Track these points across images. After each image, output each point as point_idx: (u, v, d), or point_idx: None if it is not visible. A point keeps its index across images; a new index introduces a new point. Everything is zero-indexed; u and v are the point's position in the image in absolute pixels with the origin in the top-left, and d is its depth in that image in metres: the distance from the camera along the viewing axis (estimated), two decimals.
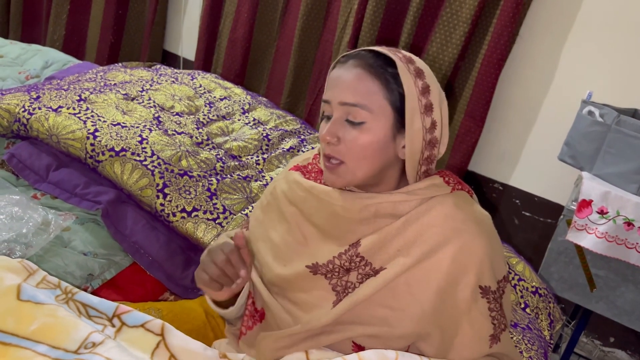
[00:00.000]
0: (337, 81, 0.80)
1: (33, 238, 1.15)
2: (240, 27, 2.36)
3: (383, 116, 0.78)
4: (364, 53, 0.80)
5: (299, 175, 0.91)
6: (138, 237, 1.23)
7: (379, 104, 0.78)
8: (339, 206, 0.83)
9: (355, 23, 2.02)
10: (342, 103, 0.79)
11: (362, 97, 0.78)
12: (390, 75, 0.79)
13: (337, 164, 0.80)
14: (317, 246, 0.85)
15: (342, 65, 0.81)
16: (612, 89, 1.75)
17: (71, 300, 0.84)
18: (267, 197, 0.96)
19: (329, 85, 0.82)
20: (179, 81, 1.72)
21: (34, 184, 1.32)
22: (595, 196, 1.47)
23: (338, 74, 0.80)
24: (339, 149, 0.79)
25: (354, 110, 0.78)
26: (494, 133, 2.00)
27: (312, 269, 0.83)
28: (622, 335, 1.96)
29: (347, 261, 0.81)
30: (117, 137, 1.32)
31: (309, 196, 0.87)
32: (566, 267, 1.57)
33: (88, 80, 1.60)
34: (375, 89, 0.78)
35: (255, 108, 1.73)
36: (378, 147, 0.79)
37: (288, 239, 0.88)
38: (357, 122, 0.78)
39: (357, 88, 0.78)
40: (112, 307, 0.85)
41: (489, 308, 0.79)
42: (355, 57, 0.80)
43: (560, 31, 1.82)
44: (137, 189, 1.26)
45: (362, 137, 0.78)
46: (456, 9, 1.88)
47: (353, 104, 0.78)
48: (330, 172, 0.81)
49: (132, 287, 1.19)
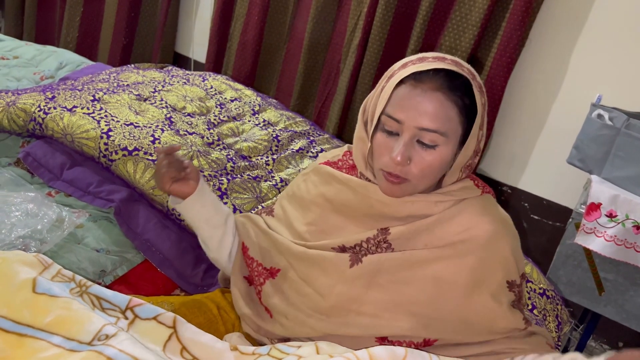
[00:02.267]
0: (416, 104, 0.78)
1: (47, 234, 1.17)
2: (250, 29, 2.39)
3: (454, 138, 0.80)
4: (441, 74, 0.79)
5: (330, 169, 0.94)
6: (150, 235, 1.24)
7: (454, 128, 0.80)
8: (376, 200, 0.86)
9: (365, 26, 2.04)
10: (420, 128, 0.78)
11: (442, 124, 0.78)
12: (464, 97, 0.80)
13: (400, 179, 0.81)
14: (343, 234, 0.88)
15: (418, 85, 0.79)
16: (622, 92, 1.74)
17: (85, 293, 0.86)
18: (293, 188, 0.99)
19: (403, 106, 0.79)
20: (191, 82, 1.74)
21: (49, 182, 1.35)
22: (604, 199, 1.47)
23: (416, 97, 0.78)
24: (408, 170, 0.80)
25: (430, 135, 0.78)
26: (503, 136, 2.00)
27: (338, 250, 0.87)
28: (631, 339, 1.95)
29: (373, 245, 0.84)
30: (130, 137, 1.34)
31: (344, 188, 0.89)
32: (574, 271, 1.57)
33: (101, 81, 1.63)
34: (453, 115, 0.79)
35: (265, 109, 1.75)
36: (444, 166, 0.82)
37: (312, 228, 0.91)
38: (430, 145, 0.79)
39: (438, 115, 0.78)
40: (125, 300, 0.87)
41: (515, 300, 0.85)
42: (432, 79, 0.79)
43: (570, 35, 1.82)
44: (149, 187, 1.28)
45: (432, 159, 0.80)
46: (466, 12, 1.89)
47: (434, 130, 0.78)
48: (391, 186, 0.82)
49: (144, 283, 1.21)
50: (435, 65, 0.79)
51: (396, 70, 0.83)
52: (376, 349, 0.77)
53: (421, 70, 0.79)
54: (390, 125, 0.80)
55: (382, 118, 0.82)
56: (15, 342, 0.76)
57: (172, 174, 0.90)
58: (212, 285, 1.20)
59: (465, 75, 0.80)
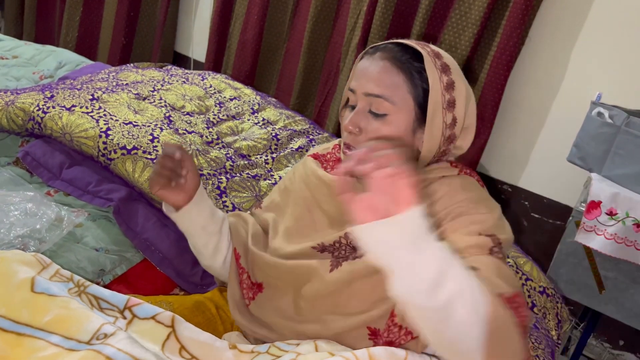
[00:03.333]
0: (363, 72, 0.81)
1: (47, 234, 1.17)
2: (250, 28, 2.39)
3: (405, 109, 0.80)
4: (392, 46, 0.81)
5: (316, 163, 0.94)
6: (149, 234, 1.24)
7: (402, 97, 0.79)
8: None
9: (365, 25, 2.04)
10: (366, 94, 0.80)
11: (386, 89, 0.79)
12: (416, 69, 0.80)
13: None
14: (324, 230, 0.87)
15: (369, 56, 0.82)
16: (622, 90, 1.74)
17: (83, 293, 0.86)
18: (285, 182, 0.99)
19: (355, 75, 0.83)
20: (190, 81, 1.74)
21: (48, 181, 1.35)
22: (604, 197, 1.47)
23: (365, 65, 0.81)
24: (360, 139, 0.81)
25: (377, 102, 0.79)
26: (503, 134, 2.00)
27: (318, 249, 0.86)
28: (631, 338, 1.95)
29: (354, 240, 0.83)
30: (129, 136, 1.34)
31: (320, 184, 0.89)
32: (575, 269, 1.57)
33: (100, 80, 1.63)
34: (400, 82, 0.79)
35: (264, 108, 1.75)
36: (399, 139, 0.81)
37: (299, 222, 0.91)
38: (379, 114, 0.79)
39: (382, 80, 0.79)
40: (123, 299, 0.86)
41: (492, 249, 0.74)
42: (383, 49, 0.81)
43: (570, 32, 1.82)
44: (149, 186, 1.27)
45: (383, 128, 0.79)
46: (465, 10, 1.89)
47: (377, 95, 0.79)
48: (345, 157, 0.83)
49: (143, 283, 1.21)
50: (392, 40, 0.82)
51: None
52: (376, 349, 0.76)
53: (378, 44, 0.82)
54: (350, 97, 0.83)
55: (345, 94, 0.84)
56: (13, 341, 0.76)
57: (162, 180, 0.87)
58: (212, 284, 1.20)
59: (420, 49, 0.80)
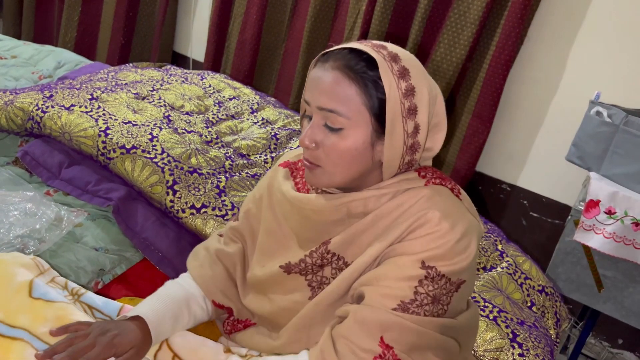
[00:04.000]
0: (315, 83, 0.76)
1: (46, 234, 1.17)
2: (249, 28, 2.39)
3: (362, 122, 0.75)
4: (345, 52, 0.75)
5: (285, 173, 0.90)
6: (148, 233, 1.24)
7: (356, 109, 0.74)
8: (310, 210, 0.82)
9: (364, 25, 2.04)
10: (319, 108, 0.76)
11: (339, 103, 0.74)
12: (370, 78, 0.74)
13: (313, 165, 0.78)
14: (291, 247, 0.85)
15: (321, 65, 0.76)
16: (620, 89, 1.74)
17: (77, 302, 0.86)
18: (259, 190, 0.94)
19: (308, 85, 0.78)
20: (189, 81, 1.74)
21: (47, 180, 1.35)
22: (603, 196, 1.47)
23: (317, 75, 0.76)
24: (317, 154, 0.77)
25: (331, 116, 0.75)
26: (502, 134, 2.00)
27: (285, 268, 0.84)
28: (630, 336, 1.95)
29: (318, 258, 0.81)
30: (128, 135, 1.34)
31: (283, 199, 0.86)
32: (574, 268, 1.57)
33: (100, 79, 1.63)
34: (352, 94, 0.74)
35: (263, 108, 1.75)
36: (357, 154, 0.76)
37: (270, 237, 0.88)
38: (335, 128, 0.75)
39: (334, 93, 0.74)
40: (116, 308, 0.87)
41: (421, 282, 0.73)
42: (335, 57, 0.75)
43: (568, 32, 1.82)
44: (148, 185, 1.27)
45: (340, 143, 0.75)
46: (464, 10, 1.89)
47: (330, 109, 0.75)
48: (309, 172, 0.80)
49: (142, 282, 1.21)
50: (343, 45, 0.76)
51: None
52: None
53: (328, 50, 0.77)
54: (305, 108, 0.79)
55: (302, 104, 0.80)
56: (9, 346, 0.76)
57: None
58: None
59: (375, 54, 0.74)
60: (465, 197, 0.82)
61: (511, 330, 1.11)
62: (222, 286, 0.92)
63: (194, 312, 0.90)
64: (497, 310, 1.15)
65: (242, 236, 0.96)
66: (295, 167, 0.91)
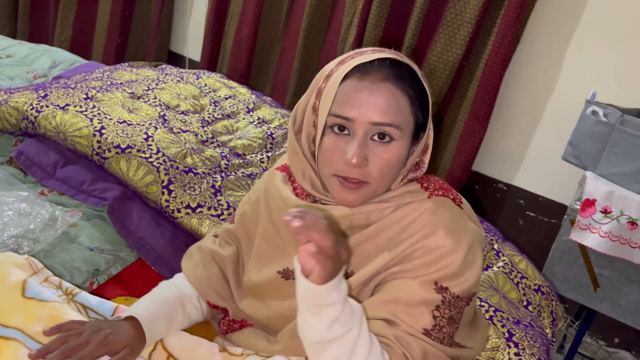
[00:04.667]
0: (366, 98, 0.72)
1: (40, 234, 1.16)
2: (245, 27, 2.38)
3: (408, 131, 0.75)
4: (386, 64, 0.74)
5: (283, 177, 0.88)
6: (143, 233, 1.24)
7: (407, 120, 0.75)
8: None
9: (360, 24, 2.04)
10: (374, 123, 0.72)
11: (396, 116, 0.73)
12: (413, 86, 0.75)
13: (358, 183, 0.75)
14: (289, 253, 0.84)
15: (363, 78, 0.73)
16: (616, 88, 1.75)
17: (72, 301, 0.85)
18: (255, 193, 0.93)
19: (352, 102, 0.73)
20: (185, 80, 1.73)
21: (42, 180, 1.34)
22: (599, 196, 1.47)
23: (365, 90, 0.73)
24: (366, 171, 0.74)
25: (387, 130, 0.73)
26: (498, 133, 2.01)
27: (283, 274, 0.83)
28: (626, 335, 1.95)
29: None
30: (123, 135, 1.34)
31: (284, 206, 0.84)
32: (570, 267, 1.57)
33: (95, 79, 1.62)
34: (405, 106, 0.74)
35: (259, 107, 1.75)
36: (400, 164, 0.76)
37: (267, 242, 0.87)
38: (385, 141, 0.74)
39: (390, 106, 0.73)
40: (110, 308, 0.86)
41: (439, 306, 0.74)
42: (377, 69, 0.74)
43: (565, 31, 1.83)
44: (143, 185, 1.27)
45: (389, 156, 0.74)
46: (460, 9, 1.89)
47: (388, 123, 0.73)
48: (349, 192, 0.75)
49: (138, 282, 1.20)
50: (378, 55, 0.74)
51: (334, 68, 0.77)
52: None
53: (365, 61, 0.74)
54: (340, 123, 0.74)
55: (328, 120, 0.74)
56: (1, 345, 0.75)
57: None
58: None
59: (409, 63, 0.76)
60: (466, 205, 0.83)
61: (507, 330, 1.11)
62: (216, 287, 0.92)
63: (188, 312, 0.89)
64: (493, 310, 1.14)
65: (238, 239, 0.95)
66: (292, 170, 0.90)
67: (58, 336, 0.75)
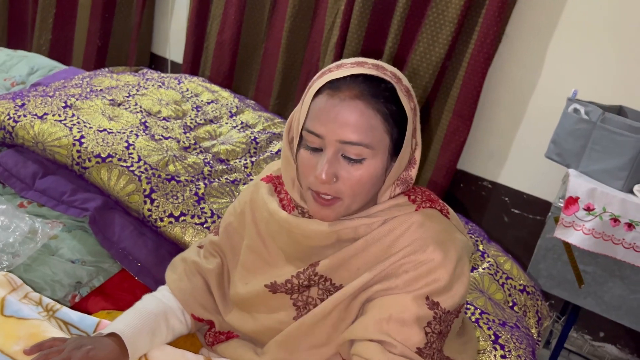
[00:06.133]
0: (333, 115, 0.71)
1: (20, 247, 1.14)
2: (227, 29, 2.36)
3: (382, 149, 0.74)
4: (359, 81, 0.72)
5: (269, 188, 0.87)
6: (126, 243, 1.22)
7: (380, 138, 0.73)
8: (299, 234, 0.80)
9: (343, 24, 2.03)
10: (341, 141, 0.71)
11: (365, 135, 0.71)
12: (389, 104, 0.73)
13: (331, 199, 0.74)
14: (277, 266, 0.83)
15: (334, 94, 0.72)
16: (597, 86, 1.76)
17: (52, 318, 0.84)
18: (241, 205, 0.92)
19: (321, 118, 0.72)
20: (166, 85, 1.71)
21: (21, 192, 1.31)
22: (581, 193, 1.48)
23: (332, 107, 0.71)
24: (337, 187, 0.73)
25: (355, 149, 0.72)
26: (482, 132, 2.01)
27: (270, 288, 0.83)
28: (611, 329, 1.98)
29: (305, 279, 0.80)
30: (104, 143, 1.32)
31: (271, 219, 0.83)
32: (554, 264, 1.59)
33: (74, 86, 1.59)
34: (376, 124, 0.72)
35: (243, 111, 1.73)
36: (375, 180, 0.75)
37: (255, 255, 0.86)
38: (356, 160, 0.72)
39: (359, 125, 0.71)
40: (92, 324, 0.85)
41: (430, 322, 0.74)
42: (348, 85, 0.72)
43: (545, 30, 1.83)
44: (125, 195, 1.25)
45: (361, 173, 0.73)
46: (442, 8, 1.89)
47: (356, 143, 0.71)
48: (322, 208, 0.75)
49: (121, 294, 1.19)
50: (352, 71, 0.72)
51: (315, 80, 0.76)
52: None
53: (337, 77, 0.72)
54: (312, 140, 0.73)
55: (303, 133, 0.74)
56: None
57: None
58: None
59: (388, 79, 0.73)
60: (453, 215, 0.83)
61: (493, 332, 1.11)
62: (201, 299, 0.91)
63: (172, 325, 0.88)
64: (479, 312, 1.15)
65: (223, 251, 0.94)
66: (278, 181, 0.88)
67: (39, 354, 0.74)
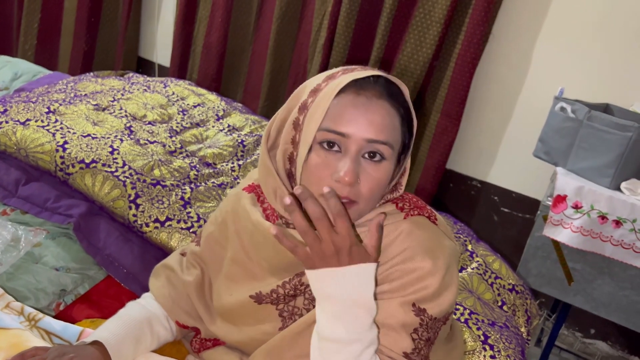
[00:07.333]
0: (362, 113, 0.70)
1: (2, 256, 1.12)
2: (214, 31, 2.35)
3: (397, 151, 0.74)
4: (382, 81, 0.73)
5: (251, 198, 0.85)
6: (112, 249, 1.21)
7: (397, 139, 0.73)
8: None
9: (330, 25, 2.02)
10: (370, 140, 0.70)
11: (390, 135, 0.71)
12: (401, 107, 0.74)
13: (348, 203, 0.71)
14: (262, 276, 0.82)
15: (361, 92, 0.71)
16: (583, 84, 1.77)
17: (35, 328, 0.82)
18: (222, 214, 0.90)
19: (346, 117, 0.70)
20: (151, 89, 1.70)
21: (3, 199, 1.29)
22: (569, 191, 1.49)
23: (361, 106, 0.71)
24: (357, 190, 0.71)
25: (380, 148, 0.71)
26: (471, 131, 2.02)
27: (255, 298, 0.81)
28: (602, 326, 1.99)
29: (291, 289, 0.79)
30: (88, 149, 1.30)
31: (255, 230, 0.80)
32: (544, 262, 1.59)
33: (58, 91, 1.58)
34: (398, 125, 0.73)
35: (229, 114, 1.72)
36: (386, 183, 0.74)
37: (238, 266, 0.85)
38: (377, 160, 0.71)
39: (386, 124, 0.71)
40: (75, 333, 0.84)
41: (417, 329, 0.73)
42: (372, 85, 0.72)
43: (532, 29, 1.84)
44: (109, 200, 1.24)
45: (380, 175, 0.72)
46: (429, 9, 1.89)
47: (383, 141, 0.71)
48: None
49: (107, 301, 1.17)
50: (371, 72, 0.73)
51: (321, 83, 0.74)
52: None
53: (361, 77, 0.72)
54: (333, 140, 0.71)
55: (317, 135, 0.71)
56: None
57: None
58: None
59: (399, 83, 0.75)
60: (441, 221, 0.82)
61: (482, 332, 1.11)
62: (185, 306, 0.89)
63: (156, 333, 0.87)
64: (469, 312, 1.15)
65: (204, 262, 0.92)
66: (260, 191, 0.85)
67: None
